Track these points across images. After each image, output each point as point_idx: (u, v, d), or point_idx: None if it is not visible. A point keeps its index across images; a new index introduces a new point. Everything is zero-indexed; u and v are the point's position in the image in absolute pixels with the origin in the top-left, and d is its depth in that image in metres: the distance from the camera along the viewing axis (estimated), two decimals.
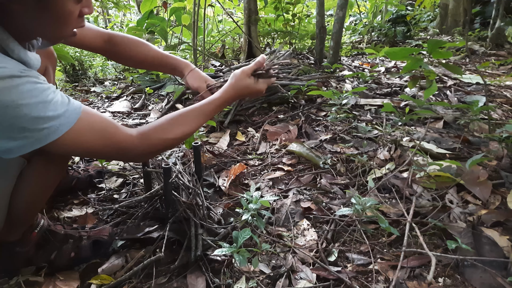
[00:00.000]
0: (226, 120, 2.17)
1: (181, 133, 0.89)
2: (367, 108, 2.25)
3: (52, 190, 0.94)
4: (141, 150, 0.83)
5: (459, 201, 1.24)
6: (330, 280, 0.96)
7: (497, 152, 1.46)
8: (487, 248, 1.00)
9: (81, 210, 1.37)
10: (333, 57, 3.25)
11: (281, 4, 3.73)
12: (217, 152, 1.85)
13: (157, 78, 3.30)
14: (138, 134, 0.83)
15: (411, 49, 1.64)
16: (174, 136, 0.88)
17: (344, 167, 1.58)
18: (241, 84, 1.01)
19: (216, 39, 4.83)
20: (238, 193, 1.43)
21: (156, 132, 0.86)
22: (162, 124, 0.88)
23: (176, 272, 1.03)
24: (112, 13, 9.55)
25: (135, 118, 2.53)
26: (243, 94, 1.03)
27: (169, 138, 0.87)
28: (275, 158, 1.74)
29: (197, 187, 1.28)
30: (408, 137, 1.73)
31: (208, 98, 0.98)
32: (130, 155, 0.84)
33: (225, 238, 1.14)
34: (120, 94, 3.28)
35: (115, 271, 1.04)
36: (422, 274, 0.96)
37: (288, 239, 1.15)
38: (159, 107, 2.71)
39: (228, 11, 4.73)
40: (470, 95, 2.33)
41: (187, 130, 0.90)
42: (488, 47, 4.02)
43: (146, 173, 1.30)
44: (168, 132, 0.87)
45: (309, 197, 1.38)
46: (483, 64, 2.97)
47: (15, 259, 0.97)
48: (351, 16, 6.38)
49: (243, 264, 0.87)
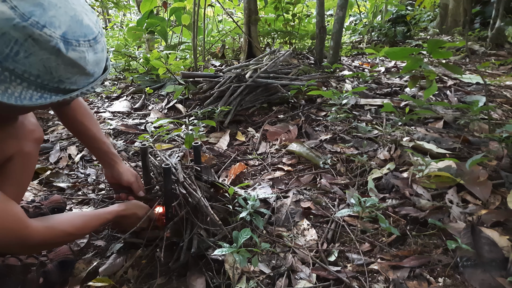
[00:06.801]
0: (226, 120, 2.17)
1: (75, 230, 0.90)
2: (367, 108, 2.25)
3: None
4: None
5: (459, 201, 1.24)
6: (330, 280, 0.96)
7: (497, 152, 1.46)
8: (486, 248, 1.00)
9: (81, 210, 1.37)
10: (333, 57, 3.25)
11: (281, 4, 3.74)
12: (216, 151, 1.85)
13: (157, 78, 3.30)
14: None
15: (411, 49, 1.64)
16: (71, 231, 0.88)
17: (344, 167, 1.58)
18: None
19: (216, 39, 4.83)
20: (238, 192, 1.43)
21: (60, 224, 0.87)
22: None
23: (176, 272, 1.03)
24: (112, 13, 9.56)
25: (135, 118, 2.53)
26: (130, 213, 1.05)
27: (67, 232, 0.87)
28: (275, 158, 1.74)
29: (197, 187, 1.27)
30: (408, 137, 1.73)
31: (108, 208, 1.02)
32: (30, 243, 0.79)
33: (225, 238, 1.14)
34: (120, 94, 3.28)
35: (116, 271, 1.04)
36: (422, 274, 0.96)
37: (288, 239, 1.15)
38: (159, 107, 2.71)
39: (228, 11, 4.73)
40: (470, 95, 2.33)
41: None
42: (488, 47, 4.02)
43: (146, 172, 1.30)
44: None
45: (309, 197, 1.38)
46: (483, 64, 2.97)
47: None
48: (351, 16, 6.38)
49: (243, 264, 0.87)
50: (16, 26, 0.56)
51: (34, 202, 1.29)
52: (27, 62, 0.58)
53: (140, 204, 1.10)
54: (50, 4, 0.59)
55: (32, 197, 1.43)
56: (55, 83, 0.63)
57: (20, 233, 0.75)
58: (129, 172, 1.18)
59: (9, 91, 0.59)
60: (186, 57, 3.91)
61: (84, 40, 0.64)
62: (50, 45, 0.59)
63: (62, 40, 0.60)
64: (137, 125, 2.36)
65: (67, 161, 1.83)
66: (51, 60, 0.60)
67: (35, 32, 0.57)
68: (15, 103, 0.60)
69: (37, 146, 1.03)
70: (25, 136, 0.97)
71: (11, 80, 0.59)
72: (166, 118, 2.34)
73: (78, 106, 1.10)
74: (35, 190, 1.50)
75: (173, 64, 3.07)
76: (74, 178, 1.66)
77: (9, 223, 0.73)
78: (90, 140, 1.14)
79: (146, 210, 1.09)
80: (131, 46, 4.81)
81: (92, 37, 0.66)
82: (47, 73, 0.61)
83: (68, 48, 0.61)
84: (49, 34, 0.58)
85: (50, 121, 2.49)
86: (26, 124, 0.98)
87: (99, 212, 0.99)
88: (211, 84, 2.47)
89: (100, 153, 1.16)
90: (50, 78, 0.62)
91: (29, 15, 0.57)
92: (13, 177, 0.97)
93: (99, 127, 1.16)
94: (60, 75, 0.63)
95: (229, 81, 2.38)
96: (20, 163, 0.97)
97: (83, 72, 0.66)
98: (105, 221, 0.98)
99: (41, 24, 0.57)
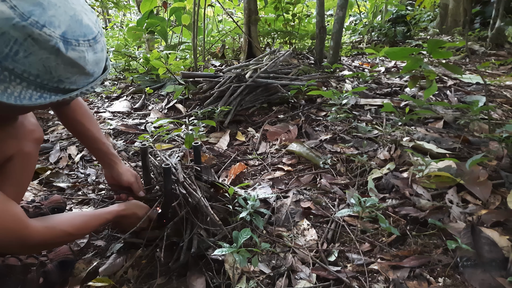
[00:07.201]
0: (226, 120, 2.17)
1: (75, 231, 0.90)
2: (367, 108, 2.25)
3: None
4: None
5: (459, 201, 1.24)
6: (330, 280, 0.96)
7: (497, 152, 1.46)
8: (486, 248, 1.00)
9: (81, 210, 1.37)
10: (333, 57, 3.25)
11: (281, 4, 3.74)
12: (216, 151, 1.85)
13: (157, 78, 3.30)
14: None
15: (411, 49, 1.64)
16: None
17: (344, 167, 1.58)
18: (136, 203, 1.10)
19: (216, 39, 4.83)
20: (238, 192, 1.43)
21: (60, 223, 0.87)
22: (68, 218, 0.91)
23: (176, 272, 1.03)
24: (112, 13, 9.57)
25: (135, 118, 2.53)
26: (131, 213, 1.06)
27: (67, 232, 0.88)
28: (275, 158, 1.74)
29: (197, 187, 1.27)
30: (408, 137, 1.73)
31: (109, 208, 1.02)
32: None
33: (225, 238, 1.14)
34: (120, 94, 3.28)
35: (116, 271, 1.04)
36: (422, 274, 0.96)
37: (288, 239, 1.15)
38: (159, 107, 2.71)
39: (228, 11, 4.73)
40: (470, 95, 2.33)
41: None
42: (488, 47, 4.02)
43: (146, 172, 1.30)
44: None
45: (309, 197, 1.38)
46: (483, 64, 2.97)
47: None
48: (351, 16, 6.38)
49: (243, 264, 0.87)
50: (16, 26, 0.56)
51: (34, 202, 1.29)
52: (26, 61, 0.58)
53: (140, 204, 1.10)
54: (49, 4, 0.59)
55: (32, 197, 1.43)
56: (55, 82, 0.63)
57: (20, 233, 0.75)
58: (129, 173, 1.18)
59: (9, 91, 0.59)
60: (186, 57, 3.91)
61: (83, 40, 0.64)
62: (49, 44, 0.59)
63: (62, 40, 0.60)
64: (137, 125, 2.36)
65: (67, 161, 1.83)
66: (51, 59, 0.60)
67: (35, 32, 0.57)
68: (14, 102, 0.60)
69: (37, 146, 1.03)
70: (25, 136, 0.97)
71: (10, 80, 0.59)
72: (166, 118, 2.34)
73: (78, 107, 1.10)
74: (35, 190, 1.50)
75: (173, 64, 3.07)
76: (74, 178, 1.66)
77: (9, 223, 0.73)
78: (89, 140, 1.14)
79: (146, 210, 1.09)
80: (131, 46, 4.81)
81: (92, 37, 0.65)
82: (46, 73, 0.61)
83: (68, 48, 0.61)
84: (49, 33, 0.58)
85: (50, 121, 2.49)
86: (26, 124, 0.98)
87: (99, 212, 0.99)
88: (211, 84, 2.47)
89: (99, 154, 1.16)
90: (49, 78, 0.62)
91: (29, 14, 0.56)
92: (13, 177, 0.97)
93: (98, 127, 1.16)
94: (60, 75, 0.63)
95: (229, 81, 2.38)
96: (20, 163, 0.97)
97: (82, 72, 0.66)
98: (105, 221, 0.98)
99: (41, 23, 0.57)
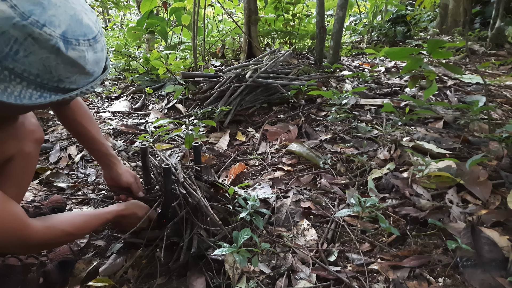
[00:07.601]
0: (226, 120, 2.17)
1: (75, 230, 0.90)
2: (367, 108, 2.25)
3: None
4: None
5: (459, 201, 1.24)
6: (330, 280, 0.96)
7: (497, 152, 1.46)
8: (486, 248, 1.00)
9: (81, 210, 1.37)
10: (333, 57, 3.25)
11: (281, 4, 3.74)
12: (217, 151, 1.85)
13: (157, 78, 3.30)
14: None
15: (411, 49, 1.64)
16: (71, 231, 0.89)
17: (344, 167, 1.58)
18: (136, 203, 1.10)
19: (216, 39, 4.83)
20: (238, 192, 1.43)
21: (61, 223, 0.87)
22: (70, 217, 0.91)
23: (176, 272, 1.03)
24: (112, 13, 9.57)
25: (135, 118, 2.53)
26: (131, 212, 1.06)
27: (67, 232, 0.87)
28: (275, 158, 1.74)
29: (197, 187, 1.27)
30: (408, 137, 1.73)
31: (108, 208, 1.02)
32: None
33: (225, 238, 1.14)
34: (120, 94, 3.28)
35: (116, 271, 1.04)
36: (422, 274, 0.96)
37: (288, 239, 1.15)
38: (159, 107, 2.71)
39: (228, 11, 4.73)
40: (470, 95, 2.33)
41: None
42: (488, 47, 4.02)
43: (146, 172, 1.30)
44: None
45: (309, 197, 1.38)
46: (483, 64, 2.98)
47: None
48: (351, 16, 6.38)
49: (243, 264, 0.87)
50: (16, 25, 0.56)
51: (34, 202, 1.29)
52: (26, 61, 0.58)
53: (140, 204, 1.10)
54: (50, 3, 0.59)
55: (32, 197, 1.43)
56: (55, 82, 0.63)
57: (20, 233, 0.75)
58: (128, 173, 1.18)
59: (9, 90, 0.59)
60: (186, 57, 3.91)
61: (83, 39, 0.64)
62: (49, 44, 0.59)
63: (62, 39, 0.60)
64: (137, 125, 2.35)
65: (67, 161, 1.83)
66: (51, 59, 0.60)
67: (35, 31, 0.57)
68: (14, 102, 0.60)
69: (37, 147, 1.03)
70: (25, 137, 0.97)
71: (10, 79, 0.59)
72: (166, 118, 2.34)
73: (78, 108, 1.10)
74: (35, 190, 1.50)
75: (173, 64, 3.07)
76: (74, 178, 1.66)
77: (9, 223, 0.73)
78: (89, 141, 1.14)
79: (146, 210, 1.09)
80: (131, 46, 4.82)
81: (92, 37, 0.65)
82: (46, 72, 0.61)
83: (68, 47, 0.61)
84: (49, 33, 0.58)
85: (50, 121, 2.49)
86: (27, 124, 0.98)
87: (99, 212, 0.99)
88: (211, 84, 2.47)
89: (99, 155, 1.16)
90: (49, 77, 0.62)
91: (29, 14, 0.56)
92: (13, 177, 0.97)
93: (98, 128, 1.16)
94: (60, 74, 0.63)
95: (229, 81, 2.38)
96: (20, 164, 0.97)
97: (82, 72, 0.66)
98: (105, 221, 0.98)
99: (41, 23, 0.57)
